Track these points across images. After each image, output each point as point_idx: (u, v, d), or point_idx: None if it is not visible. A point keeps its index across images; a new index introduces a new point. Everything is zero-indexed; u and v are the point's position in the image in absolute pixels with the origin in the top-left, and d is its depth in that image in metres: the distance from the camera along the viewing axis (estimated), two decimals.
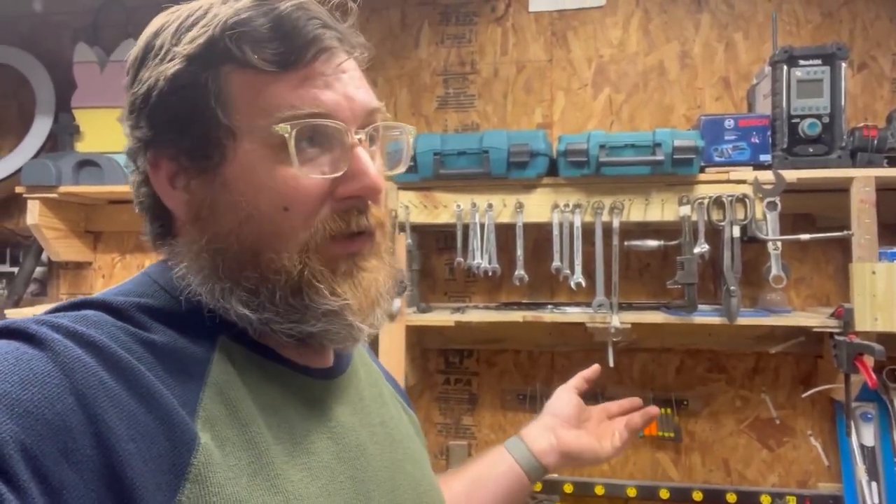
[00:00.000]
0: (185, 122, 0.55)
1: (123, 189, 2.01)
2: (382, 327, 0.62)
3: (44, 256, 2.19)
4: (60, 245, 2.10)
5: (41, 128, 2.17)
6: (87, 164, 2.02)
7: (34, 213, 1.99)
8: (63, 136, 2.11)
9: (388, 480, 0.64)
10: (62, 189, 1.98)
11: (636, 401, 1.02)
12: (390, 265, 0.63)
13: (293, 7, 0.55)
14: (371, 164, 0.58)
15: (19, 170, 2.05)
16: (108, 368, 0.47)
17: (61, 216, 2.09)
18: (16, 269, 2.20)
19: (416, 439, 0.76)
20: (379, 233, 0.61)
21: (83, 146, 2.10)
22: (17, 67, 2.23)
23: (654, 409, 0.98)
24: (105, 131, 2.08)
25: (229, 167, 0.55)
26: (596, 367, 1.05)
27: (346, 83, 0.57)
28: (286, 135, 0.54)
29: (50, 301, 2.26)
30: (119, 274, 2.25)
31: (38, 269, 2.24)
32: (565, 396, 1.00)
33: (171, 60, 0.55)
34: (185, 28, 0.56)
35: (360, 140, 0.57)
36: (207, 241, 0.56)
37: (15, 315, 1.99)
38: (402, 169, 0.66)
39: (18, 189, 2.01)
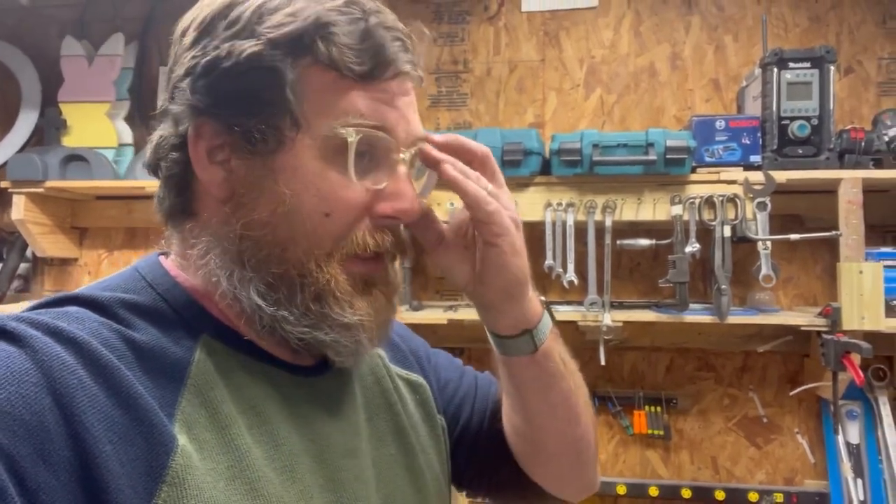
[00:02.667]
0: (253, 101, 0.54)
1: (111, 184, 1.98)
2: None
3: (28, 252, 2.16)
4: (46, 241, 2.07)
5: (27, 122, 2.13)
6: (74, 159, 1.99)
7: (20, 208, 1.96)
8: (50, 130, 2.08)
9: (374, 479, 0.63)
10: (48, 184, 1.95)
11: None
12: (398, 286, 0.63)
13: (379, 23, 0.56)
14: (410, 186, 0.59)
15: (4, 164, 2.02)
16: (87, 367, 0.47)
17: (47, 211, 2.06)
18: None
19: (420, 426, 0.72)
20: (398, 256, 0.62)
21: (70, 140, 2.07)
22: (3, 61, 2.19)
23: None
24: (92, 126, 2.05)
25: (282, 157, 0.55)
26: None
27: (407, 106, 0.59)
28: (349, 139, 0.54)
29: (33, 297, 2.23)
30: (105, 271, 2.22)
31: (23, 266, 2.21)
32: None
33: (250, 38, 0.54)
34: (269, 11, 0.55)
35: (402, 159, 0.58)
36: (242, 224, 0.55)
37: None
38: (423, 199, 0.65)
39: (3, 183, 1.97)
